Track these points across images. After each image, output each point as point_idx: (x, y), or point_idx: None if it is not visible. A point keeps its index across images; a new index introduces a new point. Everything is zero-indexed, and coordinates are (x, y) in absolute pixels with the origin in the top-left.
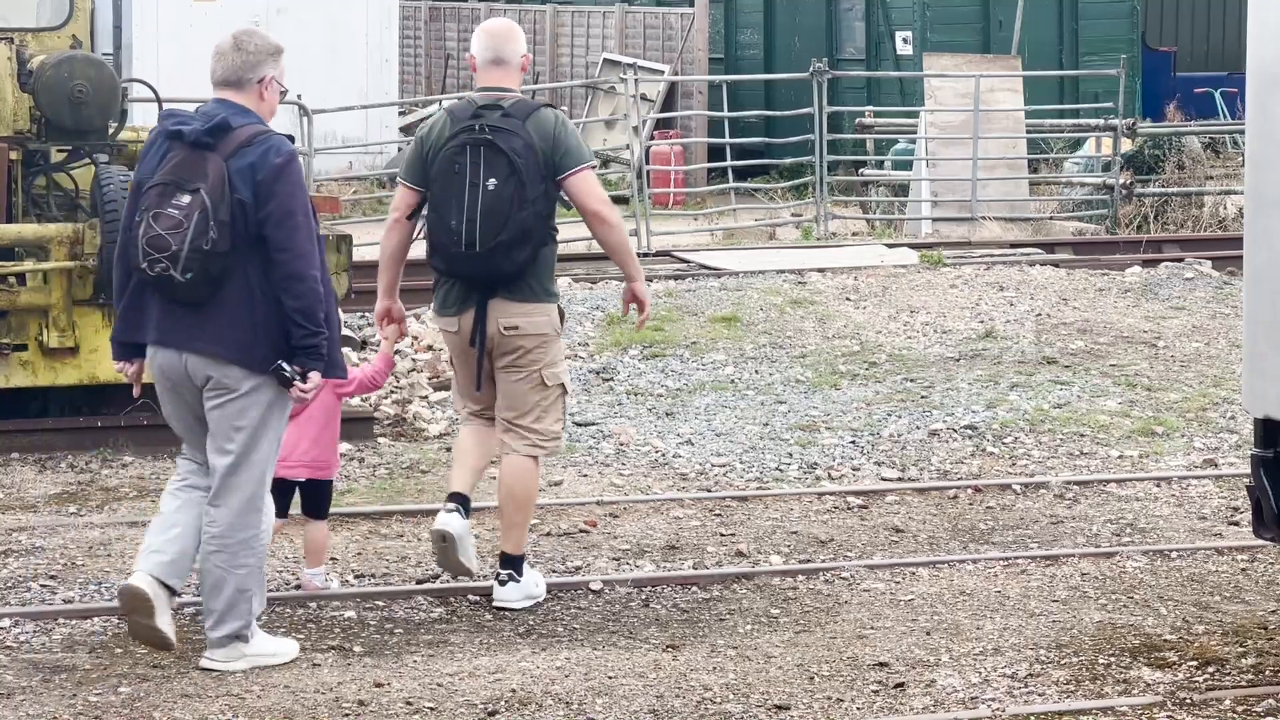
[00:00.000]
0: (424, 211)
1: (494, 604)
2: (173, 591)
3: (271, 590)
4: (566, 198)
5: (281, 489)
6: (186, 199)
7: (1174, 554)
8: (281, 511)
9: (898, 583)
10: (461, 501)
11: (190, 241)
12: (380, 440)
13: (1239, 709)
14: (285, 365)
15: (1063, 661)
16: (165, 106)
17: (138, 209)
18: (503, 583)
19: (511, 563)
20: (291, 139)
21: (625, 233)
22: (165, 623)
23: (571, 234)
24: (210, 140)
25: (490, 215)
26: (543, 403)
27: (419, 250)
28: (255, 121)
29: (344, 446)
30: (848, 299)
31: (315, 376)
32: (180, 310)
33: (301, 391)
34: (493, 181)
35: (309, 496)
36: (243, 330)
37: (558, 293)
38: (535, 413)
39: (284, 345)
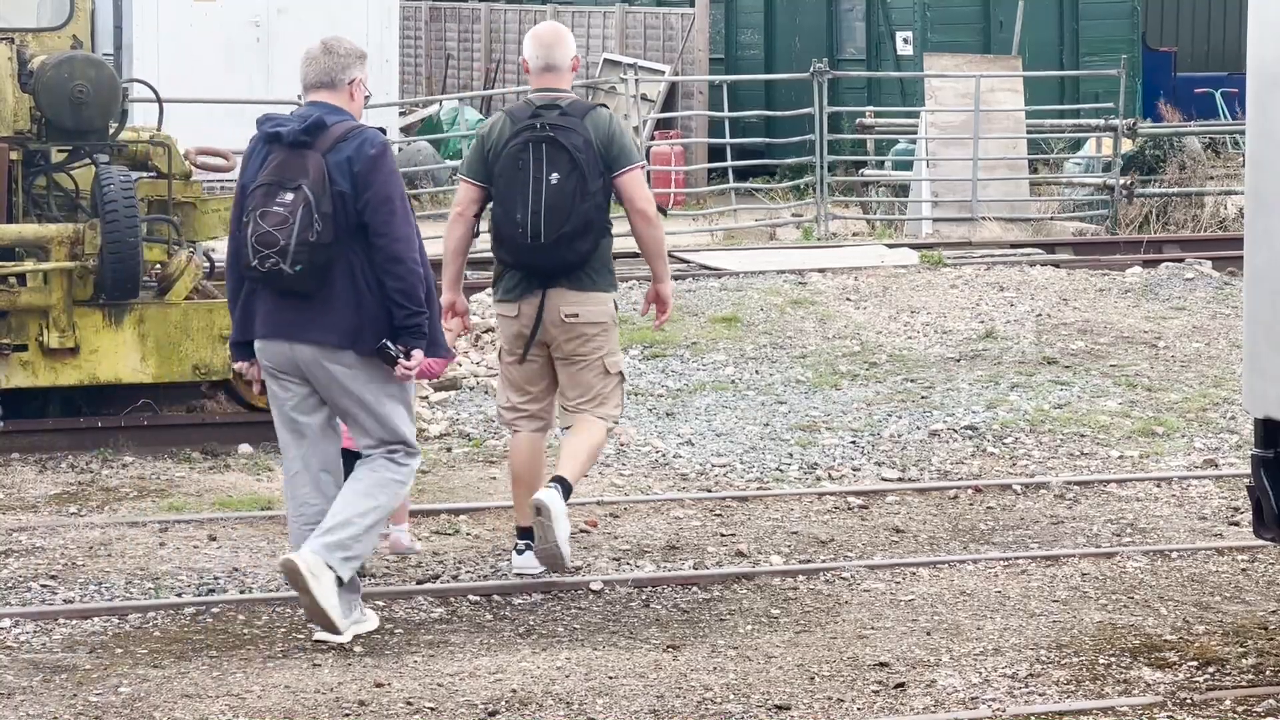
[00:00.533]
0: (488, 206)
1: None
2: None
3: (271, 590)
4: (616, 193)
5: (351, 458)
6: (289, 196)
7: (1174, 554)
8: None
9: (898, 583)
10: (533, 536)
11: (297, 235)
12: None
13: (1239, 709)
14: (390, 344)
15: (1063, 661)
16: (264, 112)
17: (245, 209)
18: (549, 487)
19: (562, 481)
20: (384, 130)
21: (663, 234)
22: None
23: None
24: (308, 139)
25: (554, 208)
26: (604, 389)
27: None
28: (348, 119)
29: None
30: (848, 299)
31: (418, 354)
32: (290, 302)
33: (405, 369)
34: (555, 176)
35: None
36: (350, 317)
37: (614, 284)
38: (598, 398)
39: (385, 326)
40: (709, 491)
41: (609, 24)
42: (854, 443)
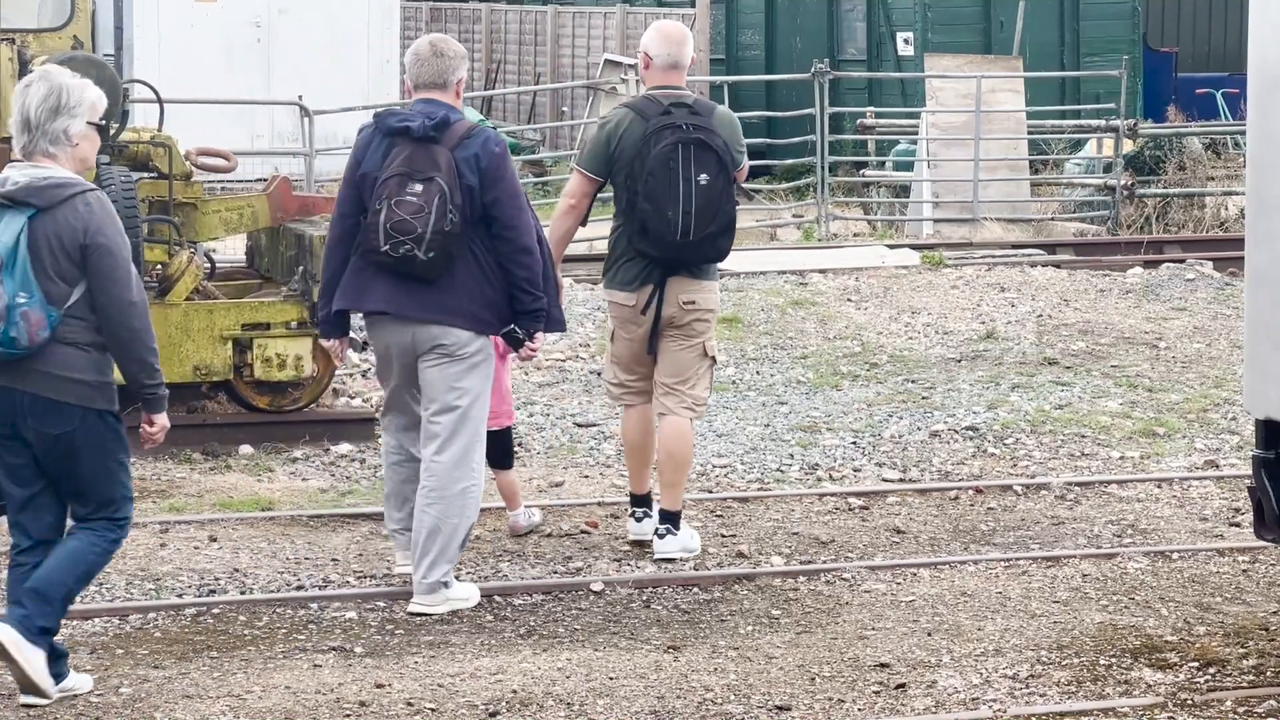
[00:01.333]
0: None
1: (655, 557)
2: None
3: (271, 591)
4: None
5: (494, 440)
6: (420, 187)
7: (1175, 555)
8: None
9: (899, 584)
10: (648, 504)
11: (433, 224)
12: (381, 440)
13: (1240, 710)
14: (517, 328)
15: (1064, 662)
16: (380, 109)
17: (376, 198)
18: (661, 536)
19: (670, 518)
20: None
21: None
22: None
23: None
24: (436, 135)
25: (705, 208)
26: (699, 370)
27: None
28: (462, 117)
29: (344, 447)
30: (849, 300)
31: (539, 337)
32: (414, 285)
33: (530, 350)
34: (704, 177)
35: (492, 447)
36: (472, 301)
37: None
38: (693, 379)
39: (504, 310)
40: (710, 492)
41: (609, 24)
42: (855, 443)
